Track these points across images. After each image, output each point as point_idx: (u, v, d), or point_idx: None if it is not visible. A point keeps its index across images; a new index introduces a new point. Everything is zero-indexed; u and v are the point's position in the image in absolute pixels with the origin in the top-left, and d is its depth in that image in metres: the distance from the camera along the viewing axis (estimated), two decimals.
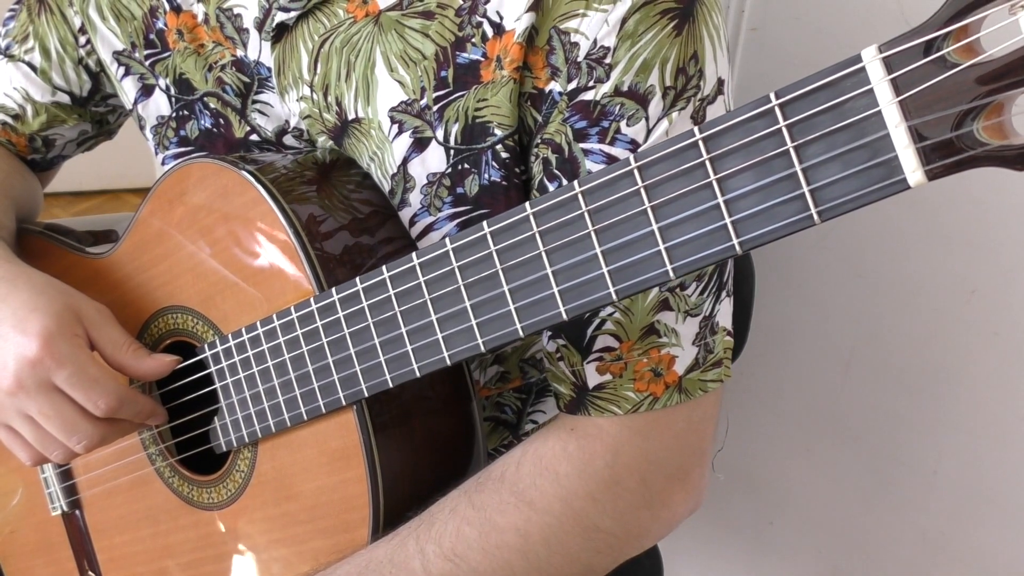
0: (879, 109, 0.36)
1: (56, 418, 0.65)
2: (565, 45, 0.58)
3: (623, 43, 0.57)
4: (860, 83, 0.36)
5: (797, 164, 0.38)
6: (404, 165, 0.65)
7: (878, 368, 1.01)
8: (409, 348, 0.56)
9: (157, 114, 0.78)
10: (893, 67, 0.35)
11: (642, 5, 0.56)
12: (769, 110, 0.38)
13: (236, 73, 0.71)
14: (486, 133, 0.62)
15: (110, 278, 0.76)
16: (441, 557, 0.61)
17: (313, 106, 0.68)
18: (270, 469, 0.68)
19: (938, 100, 0.35)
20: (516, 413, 0.82)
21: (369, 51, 0.64)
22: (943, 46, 0.34)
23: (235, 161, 0.66)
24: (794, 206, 0.39)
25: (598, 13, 0.57)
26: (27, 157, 0.87)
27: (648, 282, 0.44)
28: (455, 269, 0.52)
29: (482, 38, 0.60)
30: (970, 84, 0.34)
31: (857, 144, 0.36)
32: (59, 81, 0.82)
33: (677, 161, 0.41)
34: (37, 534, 0.85)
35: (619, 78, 0.57)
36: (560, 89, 0.59)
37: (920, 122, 0.35)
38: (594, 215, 0.45)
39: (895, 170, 0.36)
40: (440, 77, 0.62)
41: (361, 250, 0.65)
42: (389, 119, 0.64)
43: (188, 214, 0.69)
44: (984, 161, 0.35)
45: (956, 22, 0.34)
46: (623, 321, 0.60)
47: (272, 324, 0.63)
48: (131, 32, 0.76)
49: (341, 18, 0.65)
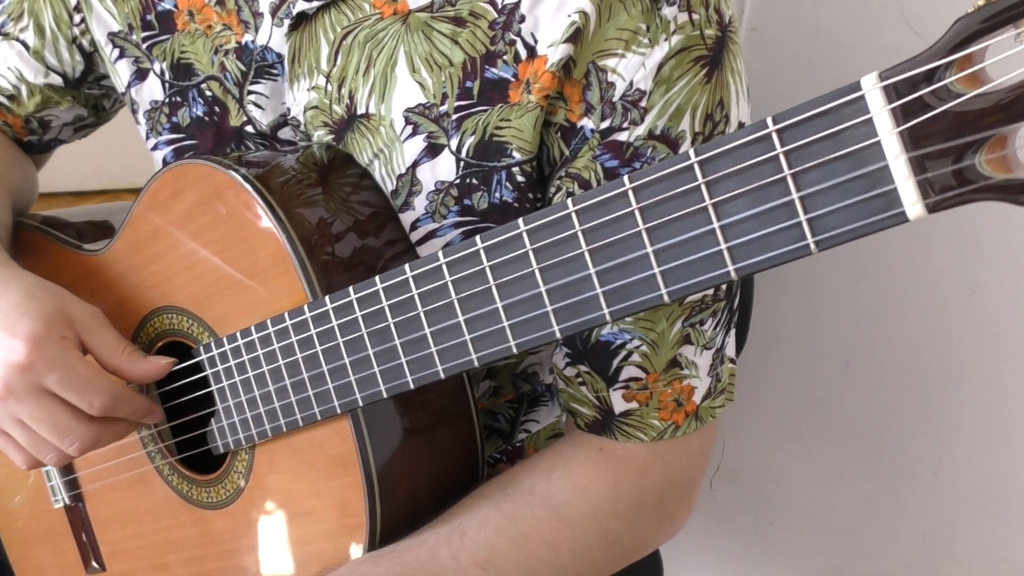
0: (879, 139, 0.35)
1: (47, 421, 0.65)
2: (602, 83, 0.59)
3: (658, 88, 0.58)
4: (859, 111, 0.35)
5: (794, 192, 0.37)
6: (414, 168, 0.65)
7: (878, 368, 1.00)
8: (403, 360, 0.56)
9: (150, 99, 0.77)
10: (893, 96, 0.34)
11: (678, 51, 0.58)
12: (766, 135, 0.37)
13: (236, 60, 0.71)
14: (501, 153, 0.62)
15: (104, 276, 0.75)
16: (475, 566, 0.63)
17: (325, 97, 0.67)
18: (268, 472, 0.68)
19: (939, 131, 0.34)
20: (509, 422, 0.82)
21: (393, 49, 0.63)
22: (945, 75, 0.33)
23: (229, 163, 0.65)
24: (791, 234, 0.38)
25: (636, 56, 0.58)
26: (24, 139, 0.86)
27: (642, 304, 0.43)
28: (448, 283, 0.52)
29: (514, 58, 0.61)
30: (973, 116, 0.33)
31: (856, 174, 0.35)
32: (52, 61, 0.81)
33: (672, 183, 0.41)
34: (41, 525, 0.85)
35: (653, 122, 0.59)
36: (592, 126, 0.60)
37: (921, 153, 0.34)
38: (587, 235, 0.44)
39: (894, 202, 0.35)
40: (465, 87, 0.62)
41: (357, 255, 0.64)
42: (404, 119, 0.64)
43: (182, 215, 0.68)
44: (987, 195, 0.34)
45: (959, 51, 0.33)
46: (649, 354, 0.63)
47: (267, 330, 0.62)
48: (128, 13, 0.75)
49: (367, 12, 0.64)
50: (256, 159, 0.68)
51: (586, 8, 0.59)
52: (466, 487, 0.69)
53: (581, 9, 0.59)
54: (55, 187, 2.23)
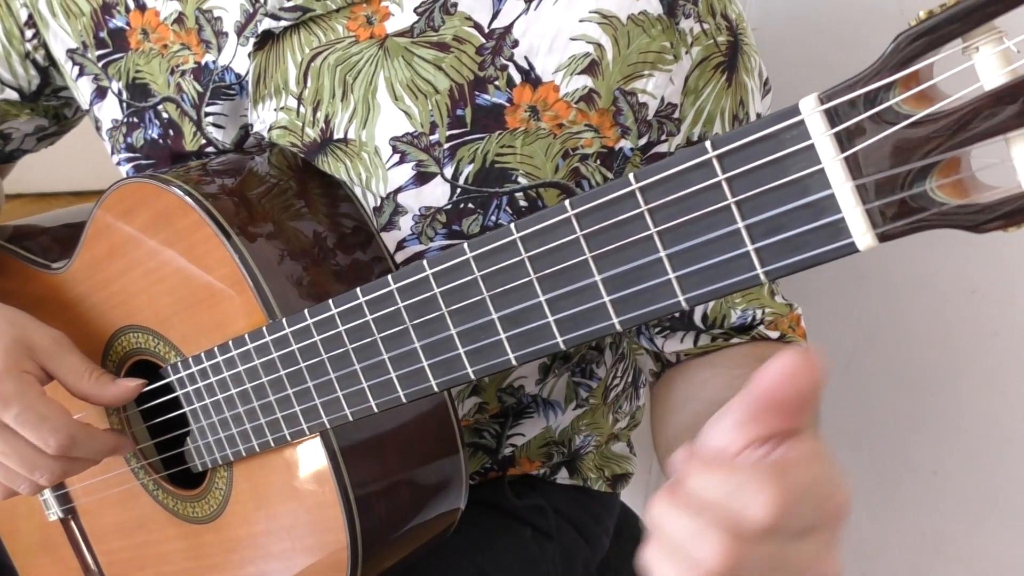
0: (822, 166, 0.32)
1: (14, 455, 0.64)
2: (633, 106, 0.60)
3: (688, 98, 0.61)
4: (800, 136, 0.33)
5: (739, 220, 0.35)
6: (396, 193, 0.64)
7: (878, 368, 0.99)
8: (365, 385, 0.54)
9: (111, 117, 0.75)
10: (835, 119, 0.32)
11: (700, 62, 0.60)
12: (707, 161, 0.35)
13: (193, 81, 0.69)
14: (505, 178, 0.62)
15: (68, 295, 0.74)
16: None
17: (296, 119, 0.65)
18: (248, 488, 0.67)
19: (885, 156, 0.31)
20: (495, 437, 0.81)
21: (371, 75, 0.62)
22: (888, 96, 0.31)
23: (177, 182, 0.62)
24: (740, 264, 0.36)
25: (662, 73, 0.60)
26: None
27: (595, 333, 0.42)
28: (400, 309, 0.50)
29: (507, 83, 0.60)
30: (921, 139, 0.31)
31: (801, 202, 0.33)
32: (6, 76, 0.79)
33: (615, 210, 0.38)
34: (39, 535, 0.85)
35: (688, 130, 0.62)
36: (631, 145, 0.61)
37: (868, 180, 0.32)
38: (534, 262, 0.42)
39: (842, 232, 0.33)
40: (456, 115, 0.61)
41: (321, 274, 0.63)
42: (391, 147, 0.63)
43: (134, 235, 0.66)
44: (941, 222, 0.32)
45: (902, 69, 0.31)
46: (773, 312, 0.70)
47: (230, 352, 0.61)
48: (81, 30, 0.73)
49: (340, 35, 0.63)
50: (215, 169, 0.66)
51: (600, 40, 0.59)
52: (450, 502, 0.68)
53: (595, 41, 0.59)
54: (57, 187, 2.23)
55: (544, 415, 0.82)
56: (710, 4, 0.61)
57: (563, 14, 0.59)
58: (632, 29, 0.59)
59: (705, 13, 0.60)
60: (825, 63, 0.89)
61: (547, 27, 0.59)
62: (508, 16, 0.60)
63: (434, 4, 0.61)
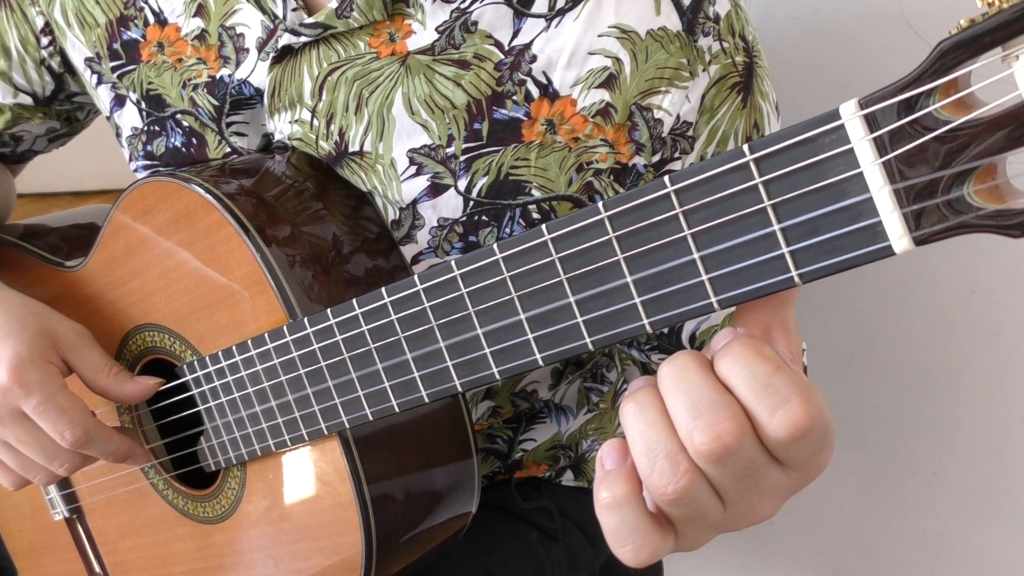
0: (860, 170, 0.33)
1: (34, 444, 0.64)
2: (648, 122, 0.61)
3: (703, 117, 0.61)
4: (839, 141, 0.33)
5: (775, 223, 0.36)
6: (414, 204, 0.64)
7: (878, 368, 1.00)
8: (387, 384, 0.54)
9: (131, 125, 0.76)
10: (875, 125, 0.33)
11: (716, 81, 0.61)
12: (744, 164, 0.36)
13: (207, 95, 0.69)
14: (519, 191, 0.62)
15: (83, 292, 0.74)
16: None
17: (310, 131, 0.66)
18: (261, 488, 0.67)
19: (924, 161, 0.32)
20: (507, 442, 0.81)
21: (389, 90, 0.62)
22: (928, 102, 0.32)
23: (198, 180, 0.63)
24: (774, 266, 0.36)
25: (679, 90, 0.60)
26: None
27: (622, 335, 0.42)
28: (426, 309, 0.50)
29: (525, 97, 0.61)
30: (959, 144, 0.32)
31: (838, 206, 0.34)
32: (20, 81, 0.79)
33: (649, 212, 0.39)
34: (44, 535, 0.85)
35: (702, 149, 0.62)
36: (645, 162, 0.62)
37: (906, 185, 0.33)
38: (565, 263, 0.43)
39: (879, 236, 0.33)
40: (473, 129, 0.61)
41: (342, 274, 0.63)
42: (408, 159, 0.63)
43: (154, 233, 0.67)
44: (978, 227, 0.32)
45: (942, 76, 0.32)
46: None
47: (249, 352, 0.61)
48: (95, 41, 0.73)
49: (361, 51, 0.63)
50: (237, 167, 0.66)
51: (619, 54, 0.59)
52: (462, 505, 0.68)
53: (614, 55, 0.59)
54: (57, 187, 2.22)
55: (556, 421, 0.82)
56: (730, 23, 0.61)
57: (582, 30, 0.60)
58: (651, 44, 0.59)
59: (725, 32, 0.61)
60: (825, 63, 0.90)
61: (566, 42, 0.60)
62: (528, 34, 0.60)
63: (455, 23, 0.61)
